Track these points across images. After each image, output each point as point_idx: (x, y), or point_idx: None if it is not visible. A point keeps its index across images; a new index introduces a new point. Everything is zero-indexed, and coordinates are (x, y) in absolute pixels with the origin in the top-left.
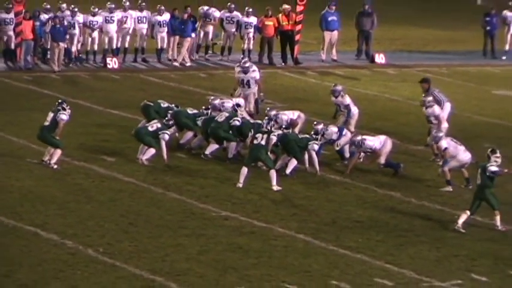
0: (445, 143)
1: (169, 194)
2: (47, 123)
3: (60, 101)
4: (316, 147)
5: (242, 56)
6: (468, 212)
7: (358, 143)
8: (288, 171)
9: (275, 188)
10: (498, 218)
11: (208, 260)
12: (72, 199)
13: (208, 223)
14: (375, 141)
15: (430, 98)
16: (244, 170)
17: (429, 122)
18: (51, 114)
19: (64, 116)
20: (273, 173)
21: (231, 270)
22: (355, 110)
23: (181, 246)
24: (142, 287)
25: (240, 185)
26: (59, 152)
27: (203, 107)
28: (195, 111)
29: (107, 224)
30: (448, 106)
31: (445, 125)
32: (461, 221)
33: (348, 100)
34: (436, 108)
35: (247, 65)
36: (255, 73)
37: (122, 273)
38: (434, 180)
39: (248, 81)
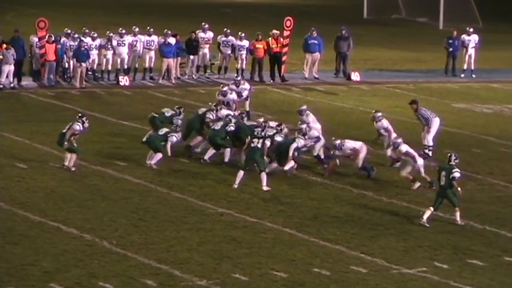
0: (405, 147)
1: (173, 194)
2: (64, 131)
3: (80, 114)
4: (299, 142)
5: (236, 74)
6: (432, 209)
7: (339, 145)
8: (286, 167)
9: (265, 188)
10: (458, 214)
11: (206, 250)
12: (89, 198)
13: (206, 218)
14: (353, 143)
15: (379, 114)
16: (240, 173)
17: (380, 134)
18: (69, 124)
19: (76, 126)
20: (263, 176)
21: (227, 259)
22: (318, 127)
23: (183, 238)
24: (150, 274)
25: (236, 186)
26: (74, 156)
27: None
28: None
29: (120, 220)
30: (436, 121)
31: (393, 135)
32: (426, 216)
33: (311, 119)
34: (384, 122)
35: (225, 89)
36: (232, 95)
37: (133, 262)
38: (402, 181)
39: (228, 102)
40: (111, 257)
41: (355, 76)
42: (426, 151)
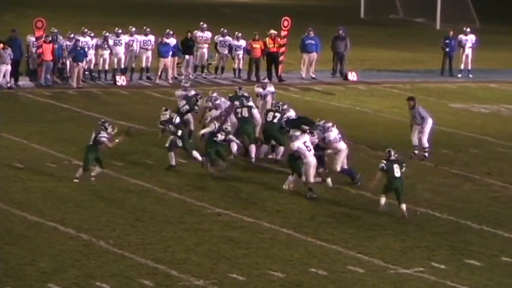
0: (297, 143)
1: (171, 194)
2: (90, 143)
3: (102, 120)
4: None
5: (233, 75)
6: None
7: (326, 128)
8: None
9: (289, 187)
10: (404, 206)
11: (204, 251)
12: (86, 198)
13: (204, 219)
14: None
15: (330, 124)
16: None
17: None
18: (93, 135)
19: (103, 138)
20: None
21: (224, 260)
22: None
23: (180, 238)
24: (147, 274)
25: (285, 187)
26: (98, 169)
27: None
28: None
29: (117, 220)
30: (430, 122)
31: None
32: (383, 201)
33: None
34: (331, 134)
35: (214, 94)
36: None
37: (130, 262)
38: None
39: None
40: (108, 257)
41: (352, 76)
42: (416, 152)
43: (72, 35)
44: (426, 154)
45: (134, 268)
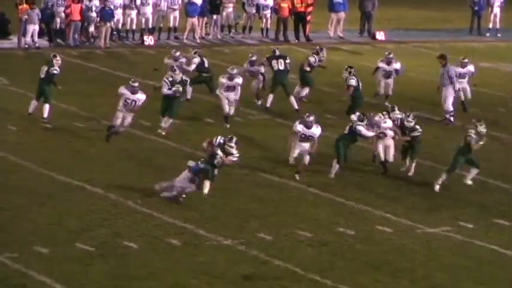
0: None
1: (199, 153)
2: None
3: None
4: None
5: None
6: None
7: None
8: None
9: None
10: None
11: (232, 209)
12: (115, 158)
13: (232, 178)
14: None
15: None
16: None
17: None
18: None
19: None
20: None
21: (253, 218)
22: None
23: (209, 197)
24: (175, 233)
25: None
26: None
27: None
28: None
29: (145, 179)
30: (451, 89)
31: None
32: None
33: None
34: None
35: (234, 71)
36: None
37: (158, 222)
38: (429, 141)
39: (234, 87)
40: (136, 216)
41: (380, 35)
42: (448, 116)
43: None
44: (452, 118)
45: (162, 227)
